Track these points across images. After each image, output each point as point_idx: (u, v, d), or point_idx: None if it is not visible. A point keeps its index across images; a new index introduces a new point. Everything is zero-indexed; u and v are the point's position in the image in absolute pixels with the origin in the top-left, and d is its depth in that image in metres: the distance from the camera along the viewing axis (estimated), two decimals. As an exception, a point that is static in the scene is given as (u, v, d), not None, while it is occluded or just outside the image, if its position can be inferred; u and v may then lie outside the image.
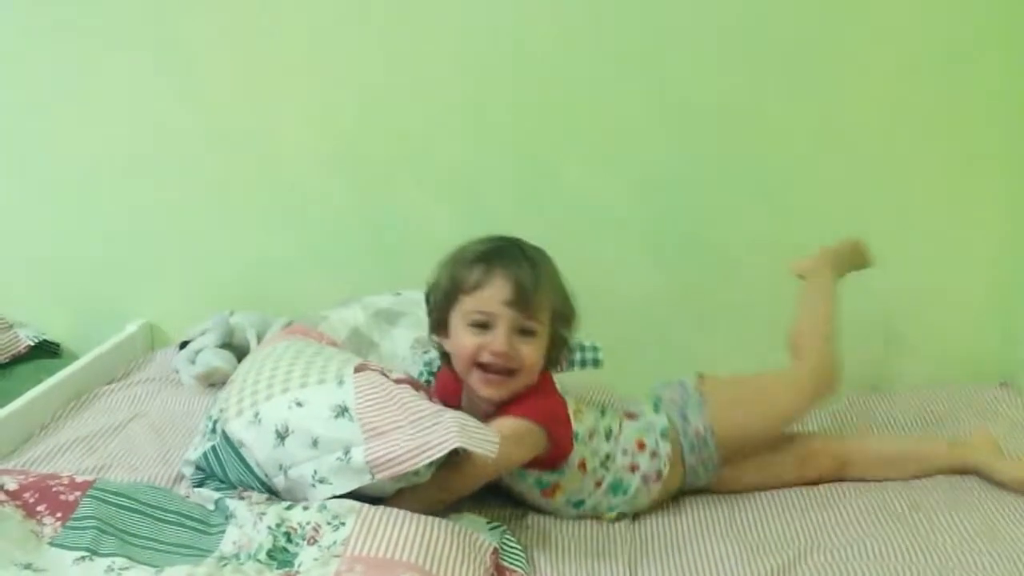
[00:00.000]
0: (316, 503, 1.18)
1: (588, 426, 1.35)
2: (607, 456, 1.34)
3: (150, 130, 1.88)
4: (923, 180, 1.73)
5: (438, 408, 1.22)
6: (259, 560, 1.11)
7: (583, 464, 1.33)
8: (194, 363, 1.73)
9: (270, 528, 1.14)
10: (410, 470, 1.16)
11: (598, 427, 1.36)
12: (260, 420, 1.24)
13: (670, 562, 1.23)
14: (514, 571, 1.17)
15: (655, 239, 1.81)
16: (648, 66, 1.72)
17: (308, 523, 1.14)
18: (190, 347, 1.77)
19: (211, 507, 1.24)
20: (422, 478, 1.20)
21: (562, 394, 1.36)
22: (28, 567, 1.06)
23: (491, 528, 1.24)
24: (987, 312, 1.78)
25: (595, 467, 1.33)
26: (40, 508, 1.17)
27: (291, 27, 1.80)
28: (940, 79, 1.67)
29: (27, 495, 1.18)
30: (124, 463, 1.45)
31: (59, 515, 1.16)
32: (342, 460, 1.18)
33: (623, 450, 1.35)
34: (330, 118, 1.83)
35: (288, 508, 1.18)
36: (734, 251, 1.80)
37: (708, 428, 1.37)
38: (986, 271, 1.77)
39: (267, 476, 1.25)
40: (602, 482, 1.33)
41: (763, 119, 1.73)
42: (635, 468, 1.34)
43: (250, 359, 1.47)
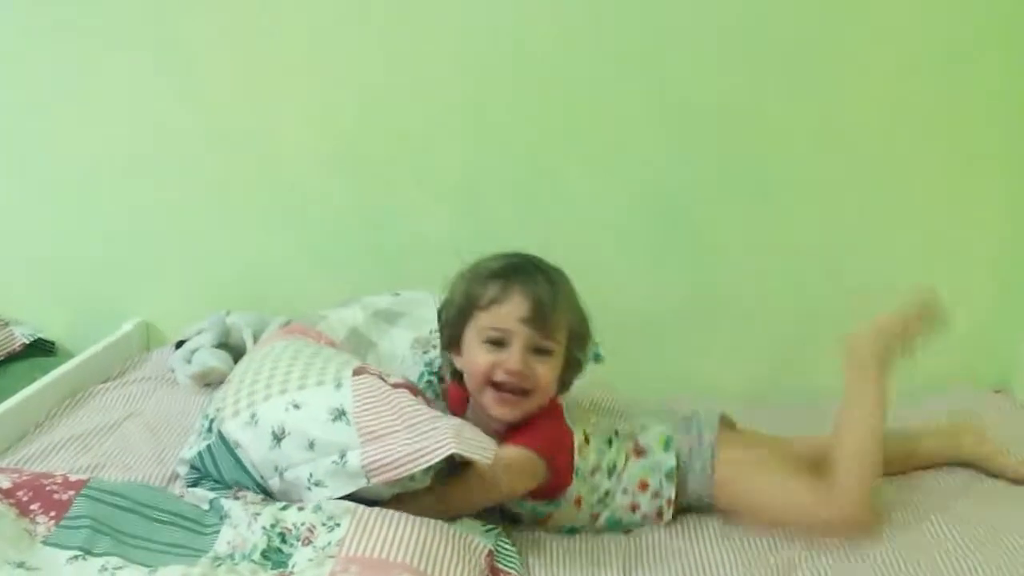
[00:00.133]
0: (311, 504, 1.17)
1: (592, 462, 1.31)
2: (606, 493, 1.31)
3: (149, 130, 1.87)
4: (923, 183, 1.72)
5: (435, 414, 1.21)
6: (253, 560, 1.10)
7: (579, 500, 1.30)
8: (190, 363, 1.73)
9: (265, 528, 1.14)
10: (405, 475, 1.15)
11: (602, 463, 1.32)
12: (257, 421, 1.24)
13: (665, 568, 1.22)
14: (508, 574, 1.16)
15: (655, 242, 1.80)
16: (649, 68, 1.72)
17: (303, 524, 1.14)
18: (186, 346, 1.77)
19: (205, 507, 1.23)
20: (418, 483, 1.19)
21: (570, 423, 1.33)
22: (21, 566, 1.05)
23: (486, 531, 1.23)
24: (983, 318, 1.76)
25: (592, 503, 1.31)
26: (34, 507, 1.16)
27: (291, 27, 1.79)
28: (940, 79, 1.66)
29: (20, 493, 1.18)
30: (118, 462, 1.44)
31: (53, 514, 1.15)
32: (338, 463, 1.18)
33: (624, 489, 1.31)
34: (330, 118, 1.83)
35: (283, 509, 1.17)
36: (734, 255, 1.79)
37: (709, 496, 1.32)
38: (984, 276, 1.76)
39: (262, 477, 1.24)
40: (599, 516, 1.31)
41: (764, 122, 1.72)
42: (635, 508, 1.31)
43: (248, 358, 1.46)
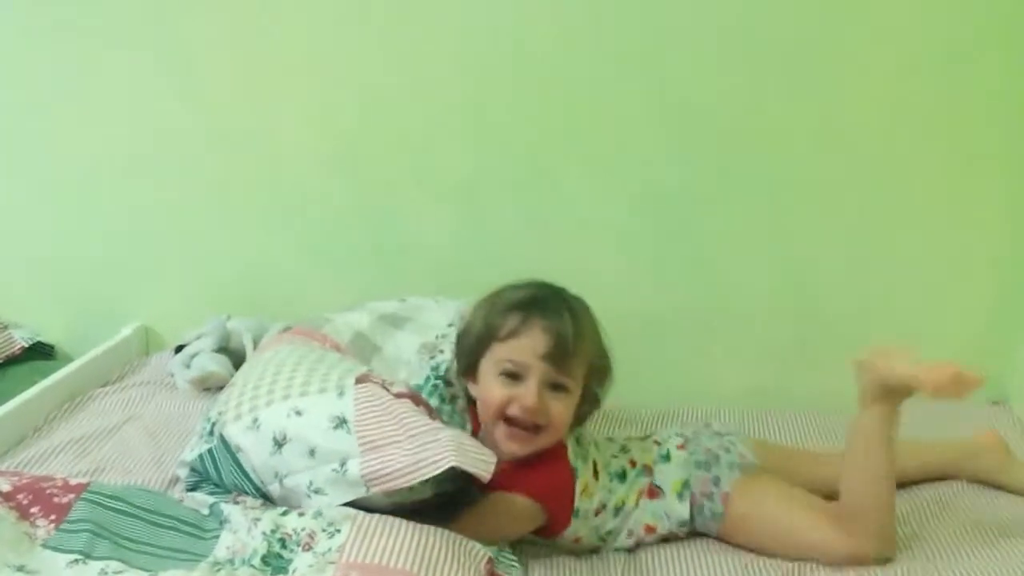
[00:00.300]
0: (311, 511, 1.16)
1: (597, 501, 1.28)
2: (609, 532, 1.29)
3: (149, 131, 1.87)
4: (923, 186, 1.71)
5: (437, 425, 1.20)
6: (253, 565, 1.10)
7: (578, 540, 1.28)
8: (189, 367, 1.73)
9: (265, 534, 1.14)
10: (404, 486, 1.14)
11: (609, 502, 1.28)
12: (259, 426, 1.23)
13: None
14: (508, 582, 1.16)
15: (655, 244, 1.80)
16: (649, 69, 1.71)
17: (303, 529, 1.14)
18: (186, 351, 1.77)
19: (205, 512, 1.23)
20: (417, 495, 1.18)
21: (578, 459, 1.29)
22: (21, 569, 1.05)
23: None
24: (981, 330, 1.76)
25: (593, 541, 1.28)
26: (34, 510, 1.16)
27: (291, 27, 1.79)
28: (940, 80, 1.65)
29: (21, 497, 1.18)
30: (118, 466, 1.44)
31: (53, 517, 1.15)
32: (338, 472, 1.17)
33: (629, 531, 1.29)
34: (330, 119, 1.82)
35: (283, 514, 1.17)
36: (735, 257, 1.78)
37: (716, 534, 1.29)
38: (983, 288, 1.75)
39: (263, 482, 1.24)
40: (599, 550, 1.30)
41: (764, 124, 1.71)
42: (639, 545, 1.29)
43: (252, 362, 1.46)
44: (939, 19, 1.63)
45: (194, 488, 1.31)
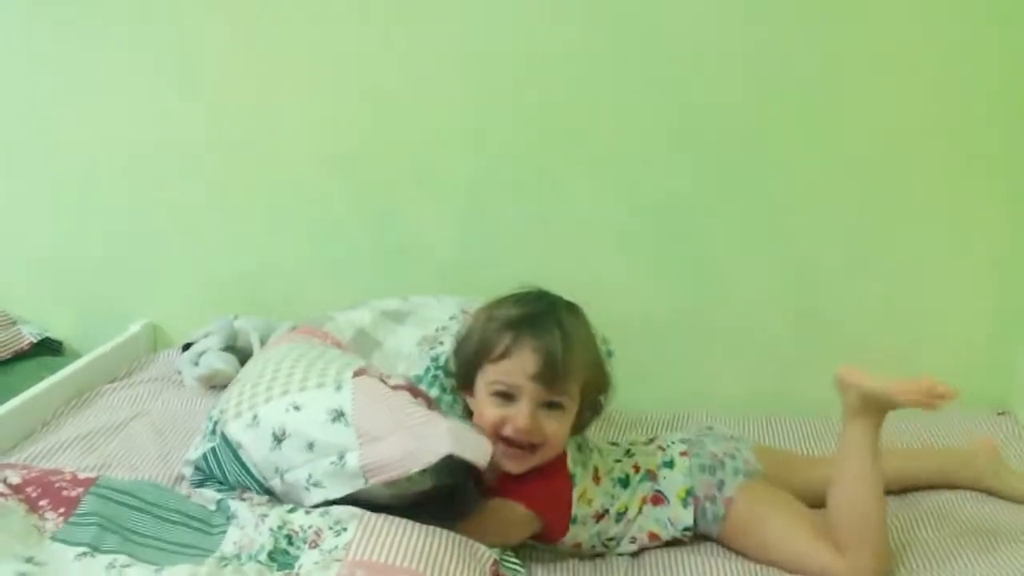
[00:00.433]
0: (318, 509, 1.17)
1: (597, 507, 1.28)
2: (611, 538, 1.29)
3: (157, 132, 1.89)
4: (924, 195, 1.71)
5: (435, 415, 1.21)
6: (260, 561, 1.11)
7: (578, 545, 1.28)
8: (197, 365, 1.74)
9: (272, 530, 1.14)
10: (402, 476, 1.15)
11: (611, 508, 1.29)
12: (258, 422, 1.24)
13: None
14: (513, 585, 1.17)
15: (656, 249, 1.80)
16: (653, 76, 1.72)
17: (310, 527, 1.14)
18: (193, 349, 1.78)
19: (212, 507, 1.24)
20: (415, 485, 1.18)
21: (578, 464, 1.30)
22: (29, 561, 1.06)
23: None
24: (985, 339, 1.76)
25: (593, 545, 1.29)
26: (42, 503, 1.17)
27: (295, 29, 1.80)
28: (940, 84, 1.65)
29: (30, 490, 1.18)
30: (125, 462, 1.45)
31: (61, 511, 1.16)
32: (336, 464, 1.18)
33: (631, 538, 1.29)
34: (334, 121, 1.84)
35: (290, 511, 1.18)
36: (735, 262, 1.78)
37: (717, 537, 1.30)
38: (987, 298, 1.75)
39: (264, 479, 1.24)
40: (602, 555, 1.30)
41: (766, 130, 1.71)
42: (641, 551, 1.30)
43: (253, 360, 1.47)
44: (939, 21, 1.63)
45: (199, 486, 1.31)
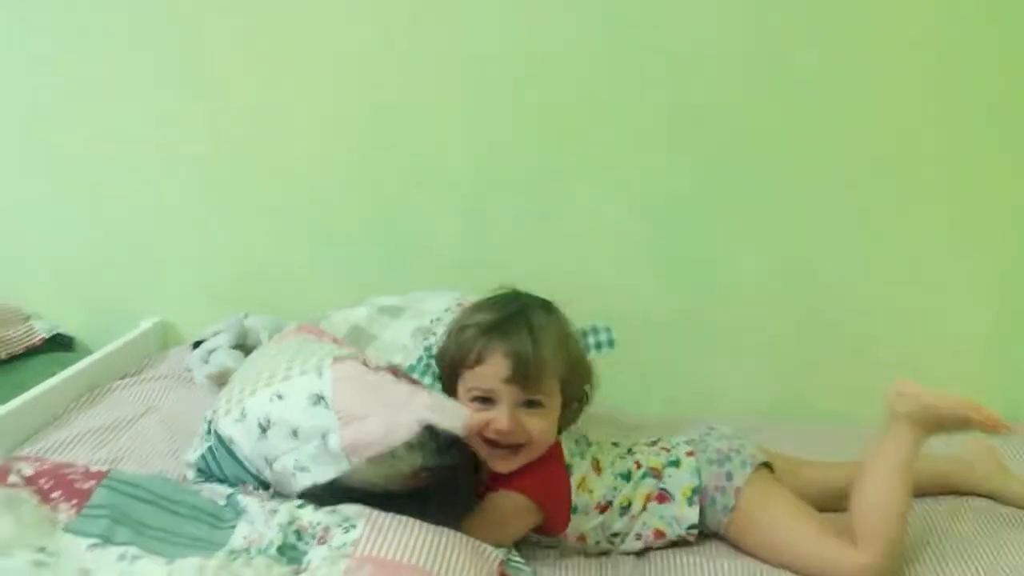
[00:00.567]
0: (327, 507, 1.18)
1: (598, 497, 1.30)
2: (615, 534, 1.30)
3: (167, 132, 1.91)
4: (930, 197, 1.71)
5: (412, 388, 1.21)
6: (269, 556, 1.12)
7: (583, 538, 1.30)
8: (207, 362, 1.75)
9: (281, 525, 1.15)
10: (384, 451, 1.14)
11: (613, 500, 1.30)
12: (245, 416, 1.25)
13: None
14: (519, 585, 1.18)
15: (661, 252, 1.81)
16: (657, 80, 1.73)
17: (318, 524, 1.15)
18: (203, 347, 1.79)
19: (223, 502, 1.25)
20: (402, 463, 1.19)
21: (575, 456, 1.32)
22: (42, 551, 1.07)
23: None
24: (993, 351, 1.76)
25: (598, 540, 1.30)
26: (55, 495, 1.18)
27: (303, 30, 1.82)
28: (945, 92, 1.66)
29: (43, 481, 1.19)
30: (135, 457, 1.47)
31: (74, 502, 1.17)
32: (320, 447, 1.18)
33: (637, 535, 1.30)
34: (340, 124, 1.86)
35: (300, 507, 1.19)
36: (739, 267, 1.79)
37: (724, 531, 1.31)
38: (994, 308, 1.75)
39: (258, 471, 1.25)
40: (607, 553, 1.31)
41: (772, 136, 1.72)
42: (647, 549, 1.31)
43: (247, 360, 1.49)
44: (942, 22, 1.63)
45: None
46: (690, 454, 1.35)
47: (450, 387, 1.32)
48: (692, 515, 1.30)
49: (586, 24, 1.72)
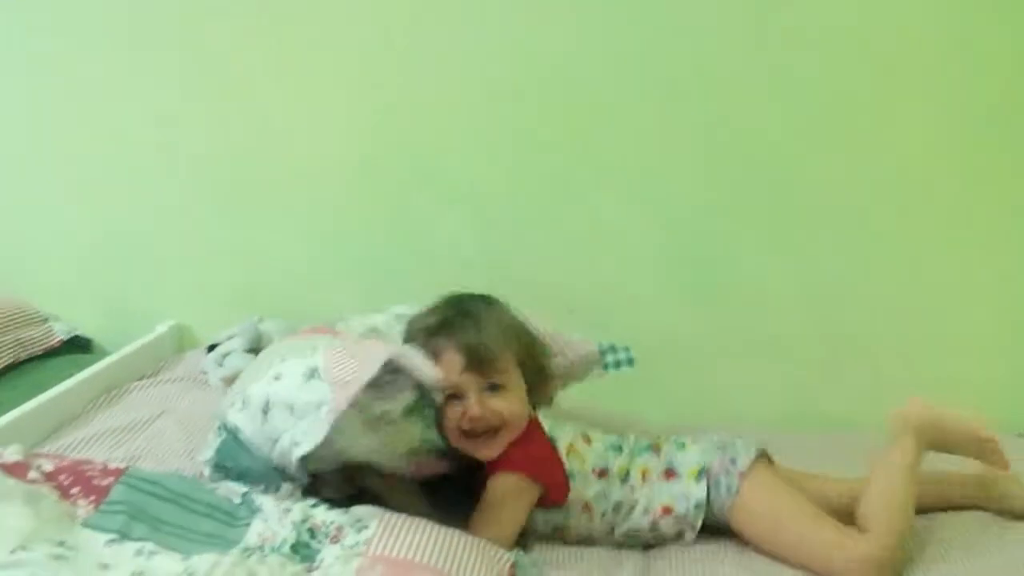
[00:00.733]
0: (340, 508, 1.20)
1: (591, 463, 1.34)
2: (619, 504, 1.33)
3: (182, 137, 1.94)
4: (958, 213, 1.70)
5: (394, 344, 1.24)
6: (283, 553, 1.13)
7: (587, 507, 1.32)
8: (221, 366, 1.77)
9: (295, 523, 1.17)
10: (361, 387, 1.15)
11: (609, 466, 1.34)
12: (248, 402, 1.27)
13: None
14: (530, 587, 1.19)
15: (683, 273, 1.82)
16: (681, 95, 1.73)
17: (332, 523, 1.17)
18: (218, 350, 1.81)
19: (238, 500, 1.27)
20: (401, 431, 1.21)
21: (551, 435, 1.36)
22: (62, 544, 1.09)
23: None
24: (1009, 361, 1.76)
25: (605, 511, 1.33)
26: (74, 491, 1.20)
27: (316, 35, 1.84)
28: (970, 110, 1.66)
29: (62, 477, 1.21)
30: (151, 456, 1.49)
31: (92, 498, 1.19)
32: (314, 418, 1.19)
33: (644, 509, 1.33)
34: (352, 129, 1.88)
35: (313, 506, 1.21)
36: (762, 283, 1.79)
37: (728, 513, 1.32)
38: (1011, 317, 1.74)
39: (267, 455, 1.26)
40: (615, 529, 1.33)
41: (796, 153, 1.72)
42: (655, 529, 1.33)
43: (255, 359, 1.50)
44: (943, 29, 1.63)
45: (220, 483, 1.34)
46: (693, 442, 1.39)
47: None
48: (700, 491, 1.32)
49: (610, 39, 1.72)
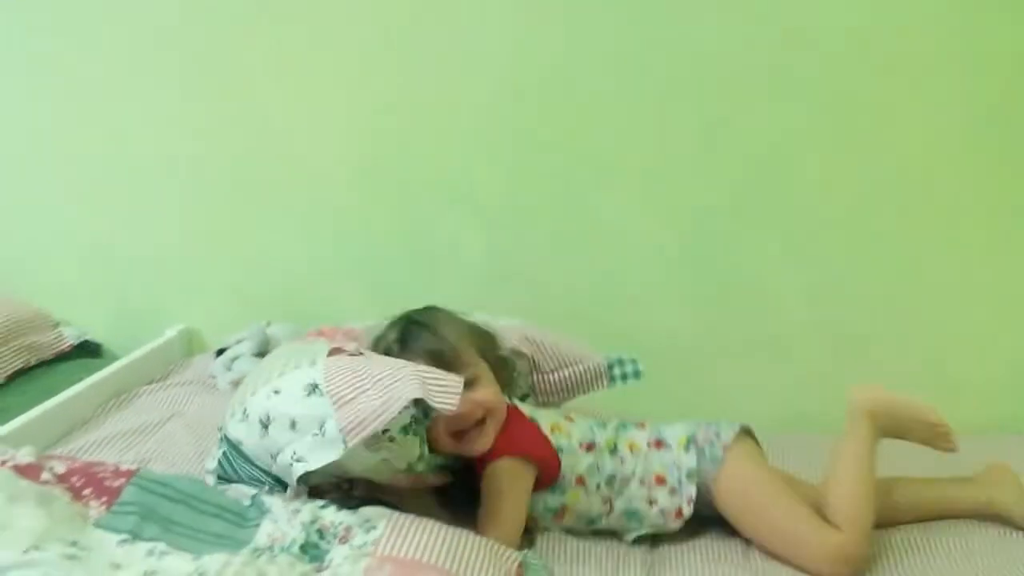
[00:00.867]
0: (348, 508, 1.21)
1: (578, 438, 1.38)
2: (612, 476, 1.36)
3: (184, 139, 1.95)
4: (966, 215, 1.71)
5: (401, 364, 1.24)
6: (292, 553, 1.14)
7: (581, 480, 1.35)
8: (230, 370, 1.79)
9: (304, 524, 1.18)
10: (379, 428, 1.16)
11: (596, 440, 1.38)
12: (247, 415, 1.27)
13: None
14: (538, 587, 1.20)
15: (684, 273, 1.82)
16: (688, 99, 1.74)
17: (340, 523, 1.18)
18: (227, 354, 1.83)
19: (247, 502, 1.28)
20: (402, 448, 1.21)
21: (532, 417, 1.40)
22: (74, 544, 1.10)
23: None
24: (1002, 357, 1.76)
25: (599, 484, 1.36)
26: (86, 492, 1.21)
27: (334, 43, 1.85)
28: (983, 113, 1.66)
29: (75, 479, 1.23)
30: (161, 459, 1.51)
31: (104, 499, 1.20)
32: (318, 435, 1.20)
33: (640, 479, 1.36)
34: (366, 133, 1.89)
35: (322, 507, 1.22)
36: (770, 287, 1.80)
37: (713, 484, 1.35)
38: (999, 312, 1.74)
39: (268, 468, 1.28)
40: (613, 505, 1.36)
41: (804, 155, 1.73)
42: (653, 502, 1.35)
43: (257, 365, 1.50)
44: (943, 30, 1.64)
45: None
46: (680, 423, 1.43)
47: None
48: (690, 460, 1.36)
49: (620, 43, 1.73)
